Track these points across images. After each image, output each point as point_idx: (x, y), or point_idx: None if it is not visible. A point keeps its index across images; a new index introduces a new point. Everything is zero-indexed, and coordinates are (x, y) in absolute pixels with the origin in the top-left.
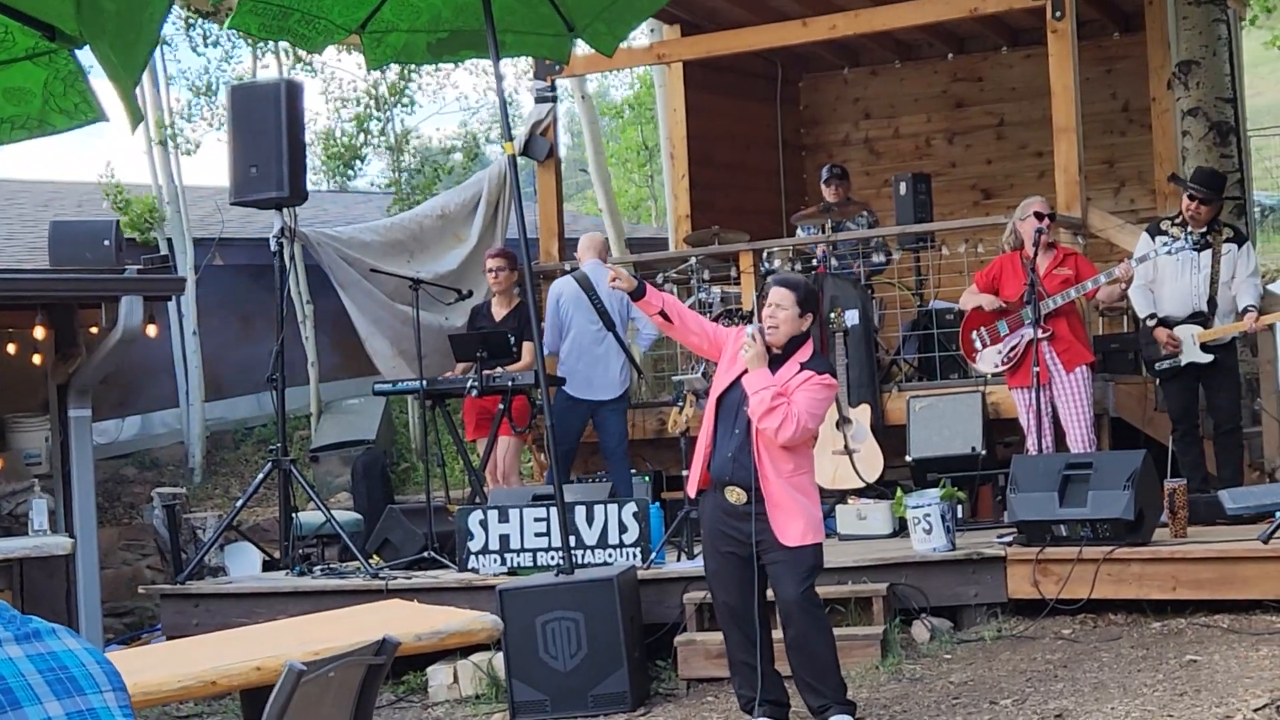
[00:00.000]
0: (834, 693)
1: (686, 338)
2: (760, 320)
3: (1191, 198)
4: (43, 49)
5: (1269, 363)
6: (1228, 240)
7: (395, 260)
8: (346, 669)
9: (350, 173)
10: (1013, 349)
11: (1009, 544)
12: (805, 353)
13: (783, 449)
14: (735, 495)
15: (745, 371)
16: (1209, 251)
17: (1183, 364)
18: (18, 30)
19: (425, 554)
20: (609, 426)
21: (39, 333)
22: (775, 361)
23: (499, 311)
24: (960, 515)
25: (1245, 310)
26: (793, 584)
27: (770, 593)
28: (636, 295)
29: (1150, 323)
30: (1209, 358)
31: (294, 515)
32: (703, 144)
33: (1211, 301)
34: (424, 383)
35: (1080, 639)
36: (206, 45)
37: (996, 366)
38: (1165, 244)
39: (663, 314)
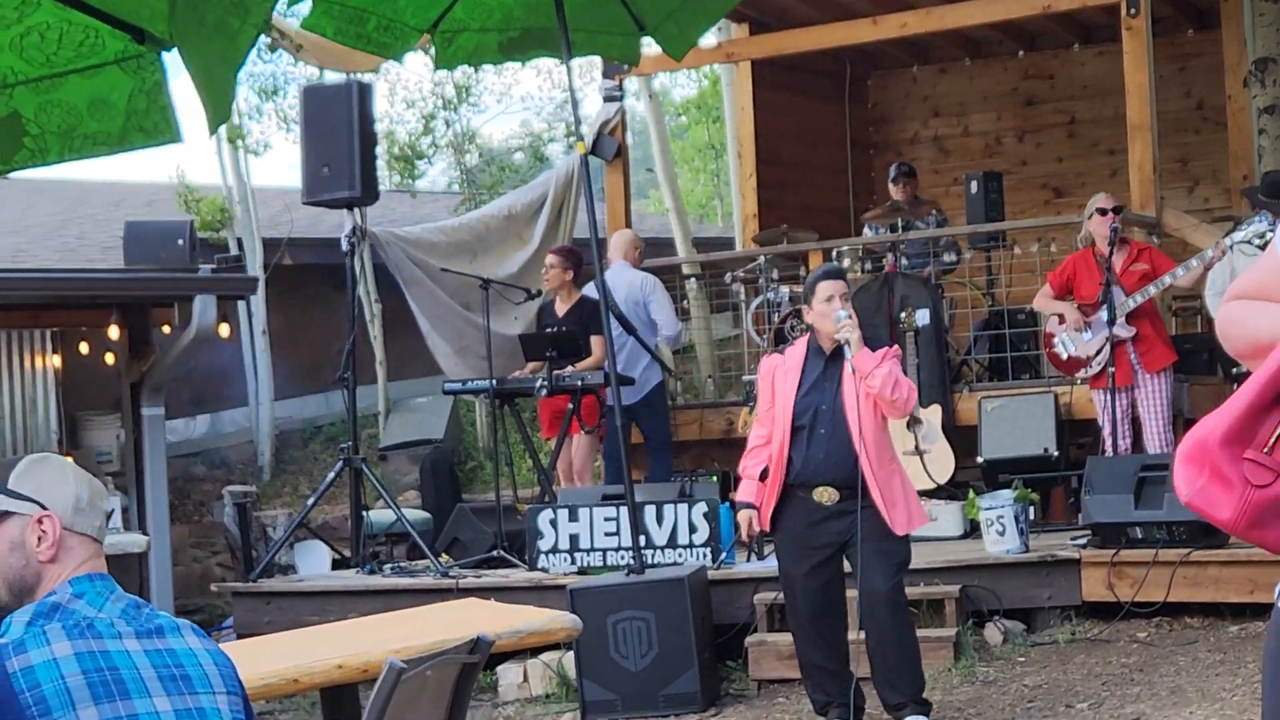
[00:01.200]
0: (913, 691)
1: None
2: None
3: (1275, 212)
4: (131, 53)
5: None
6: None
7: (458, 261)
8: (442, 667)
9: (415, 172)
10: (1099, 352)
11: (1083, 546)
12: None
13: (881, 439)
14: (827, 495)
15: (802, 377)
16: None
17: None
18: (107, 34)
19: (495, 553)
20: (644, 426)
21: (113, 332)
22: (839, 350)
23: (561, 308)
24: (1033, 517)
25: None
26: (885, 577)
27: (855, 591)
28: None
29: None
30: None
31: (364, 514)
32: (770, 142)
33: None
34: (494, 382)
35: (1156, 642)
36: (272, 53)
37: (1085, 371)
38: (1243, 229)
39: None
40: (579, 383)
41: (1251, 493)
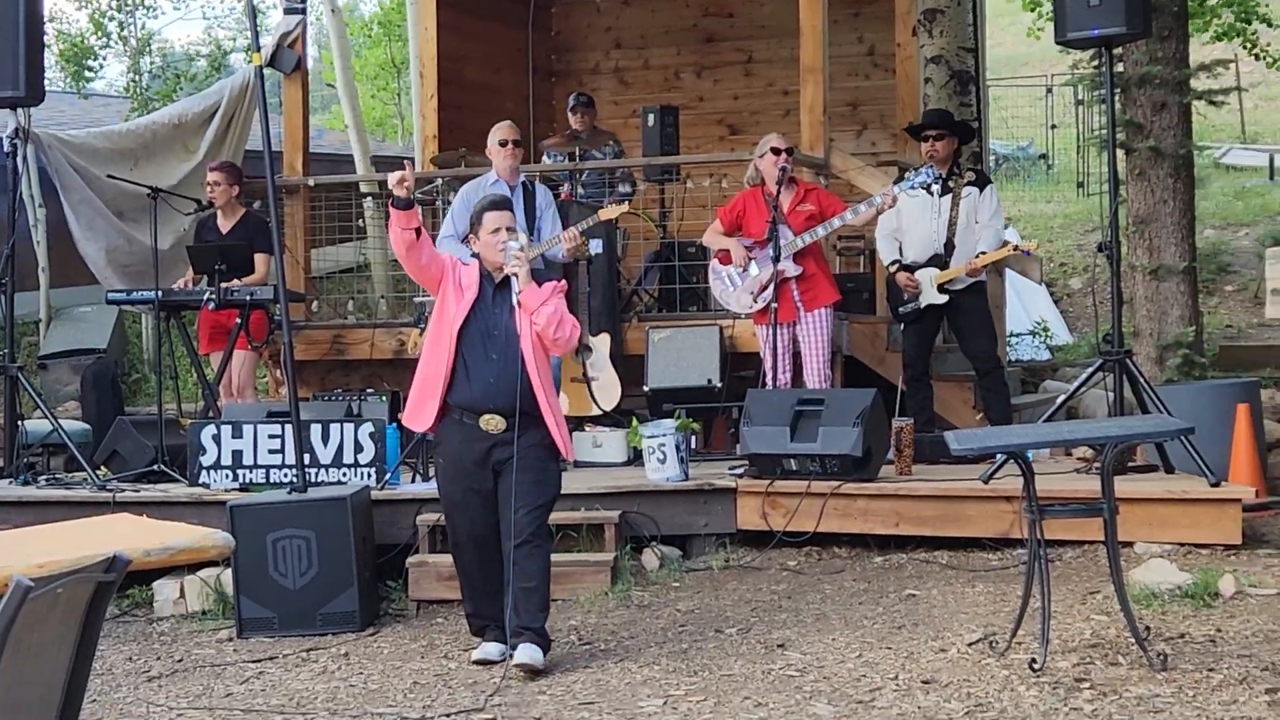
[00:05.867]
0: (536, 623)
1: (420, 259)
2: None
3: (925, 139)
4: None
5: (998, 308)
6: (969, 184)
7: (119, 168)
8: (75, 586)
9: (87, 74)
10: (764, 288)
11: (740, 476)
12: None
13: (546, 369)
14: (494, 424)
15: (478, 300)
16: (949, 196)
17: (922, 306)
18: None
19: (155, 467)
20: None
21: None
22: (506, 280)
23: (225, 224)
24: (694, 446)
25: (978, 254)
26: (532, 508)
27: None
28: (404, 205)
29: (893, 269)
30: (944, 298)
31: (20, 423)
32: (453, 64)
33: (949, 244)
34: (159, 293)
35: (805, 571)
36: None
37: (749, 307)
38: (908, 182)
39: (417, 231)
40: (248, 297)
41: None
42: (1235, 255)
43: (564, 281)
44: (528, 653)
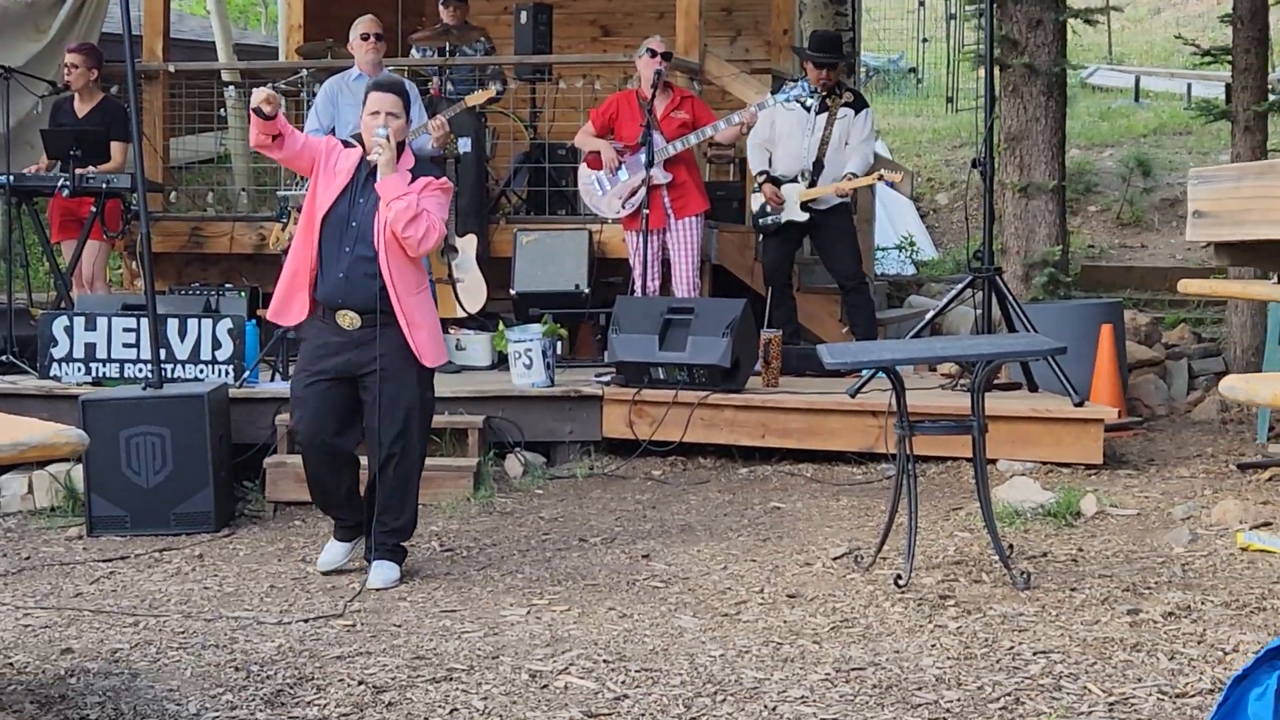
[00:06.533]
0: (398, 536)
1: (281, 155)
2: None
3: (818, 65)
4: None
5: (866, 222)
6: (846, 105)
7: None
8: None
9: None
10: (634, 193)
11: (607, 384)
12: (409, 159)
13: (408, 266)
14: (349, 320)
15: (348, 187)
16: (825, 115)
17: (783, 221)
18: None
19: (4, 358)
20: None
21: None
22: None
23: (82, 108)
24: (561, 352)
25: (846, 176)
26: (404, 411)
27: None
28: (267, 115)
29: (760, 179)
30: (805, 216)
31: None
32: None
33: (819, 163)
34: (10, 177)
35: (670, 481)
36: None
37: (618, 212)
38: (784, 94)
39: (275, 135)
40: (105, 185)
41: None
42: (1099, 176)
43: (445, 180)
44: (380, 575)
